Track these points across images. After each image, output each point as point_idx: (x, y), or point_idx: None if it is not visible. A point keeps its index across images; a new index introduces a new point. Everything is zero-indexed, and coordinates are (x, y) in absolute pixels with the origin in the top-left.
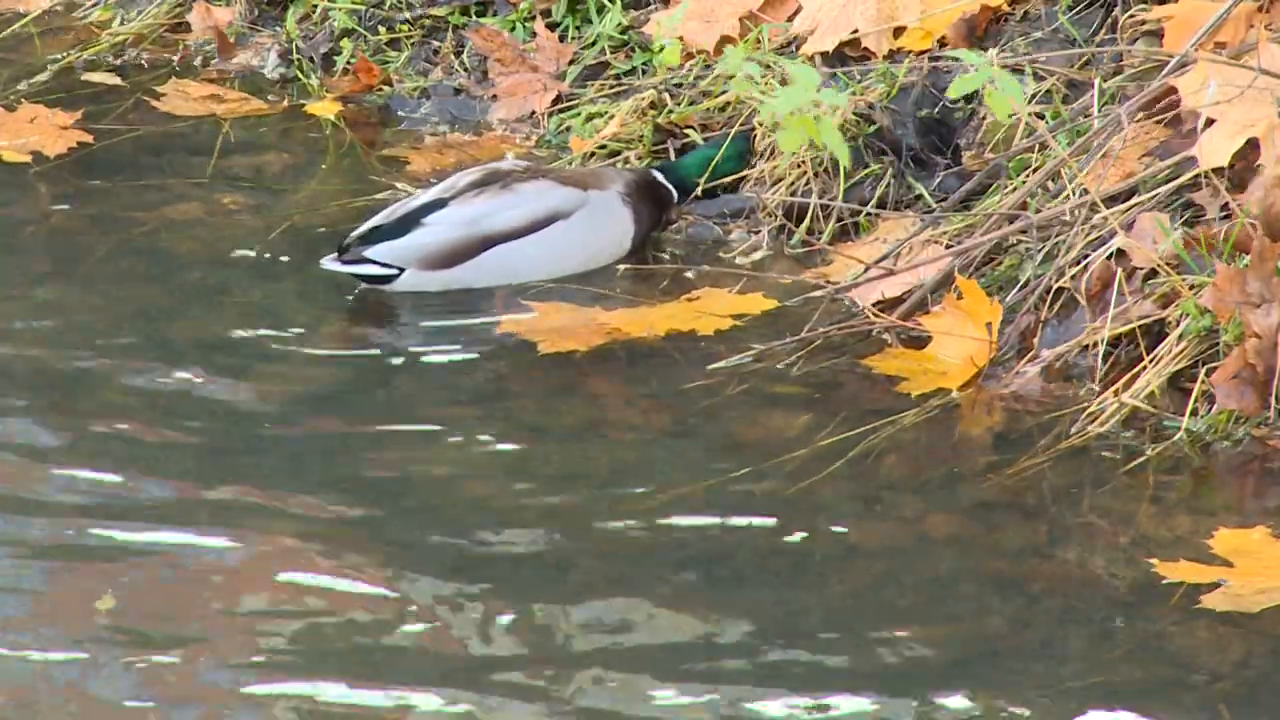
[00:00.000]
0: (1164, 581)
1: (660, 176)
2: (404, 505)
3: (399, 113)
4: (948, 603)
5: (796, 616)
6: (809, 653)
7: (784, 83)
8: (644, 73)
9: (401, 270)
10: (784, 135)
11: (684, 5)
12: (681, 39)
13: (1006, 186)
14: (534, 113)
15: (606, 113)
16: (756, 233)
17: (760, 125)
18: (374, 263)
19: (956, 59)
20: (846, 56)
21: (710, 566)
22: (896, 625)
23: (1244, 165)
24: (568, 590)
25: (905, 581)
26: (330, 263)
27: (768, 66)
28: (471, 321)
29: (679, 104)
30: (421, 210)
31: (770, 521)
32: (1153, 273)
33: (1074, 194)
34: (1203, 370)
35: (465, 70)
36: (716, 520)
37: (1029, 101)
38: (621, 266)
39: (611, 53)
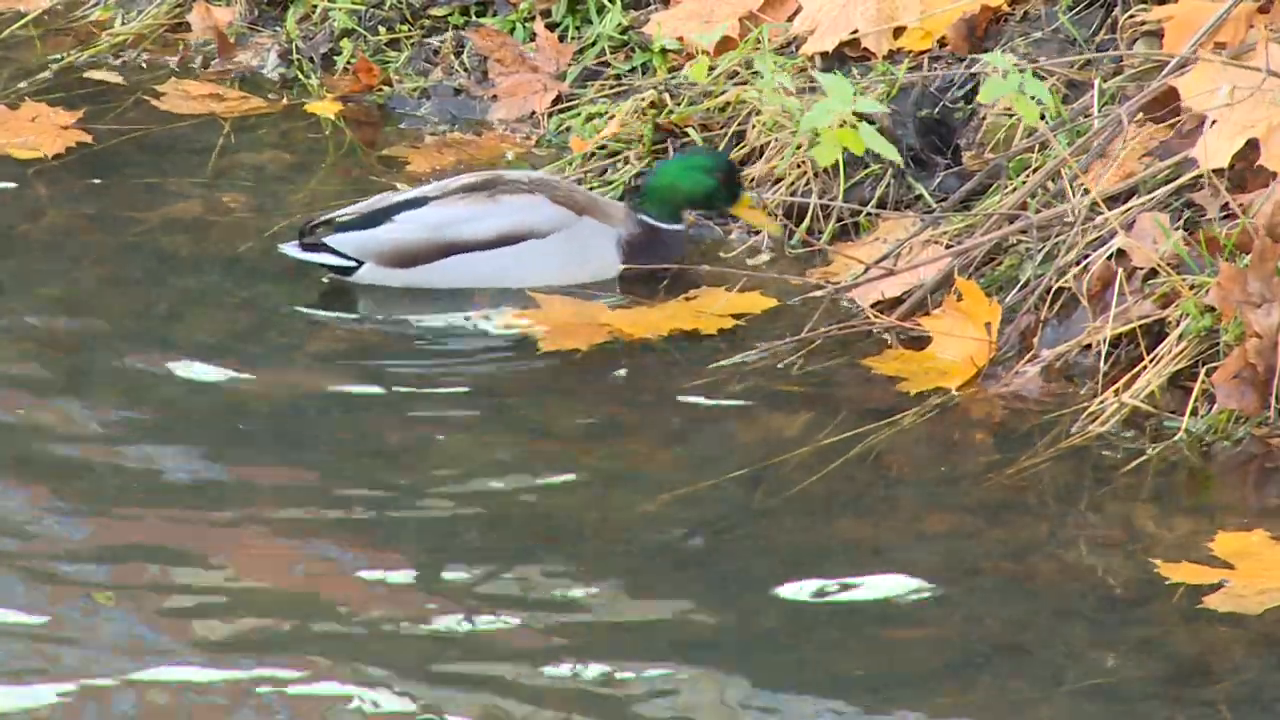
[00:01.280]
0: (1165, 582)
1: (661, 223)
2: (404, 504)
3: (399, 112)
4: (947, 602)
5: (796, 616)
6: (808, 652)
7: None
8: (644, 73)
9: (360, 263)
10: (820, 149)
11: (722, 26)
12: (681, 39)
13: (1006, 186)
14: (534, 113)
15: (606, 113)
16: (757, 233)
17: (758, 125)
18: (333, 252)
19: (960, 59)
20: (846, 56)
21: (710, 566)
22: (896, 625)
23: (1244, 165)
24: (567, 590)
25: (905, 581)
26: (290, 249)
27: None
28: (473, 320)
29: (679, 104)
30: (398, 206)
31: (770, 521)
32: (1153, 273)
33: (1074, 194)
34: (1203, 370)
35: (465, 70)
36: (716, 520)
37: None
38: (622, 266)
39: (611, 53)
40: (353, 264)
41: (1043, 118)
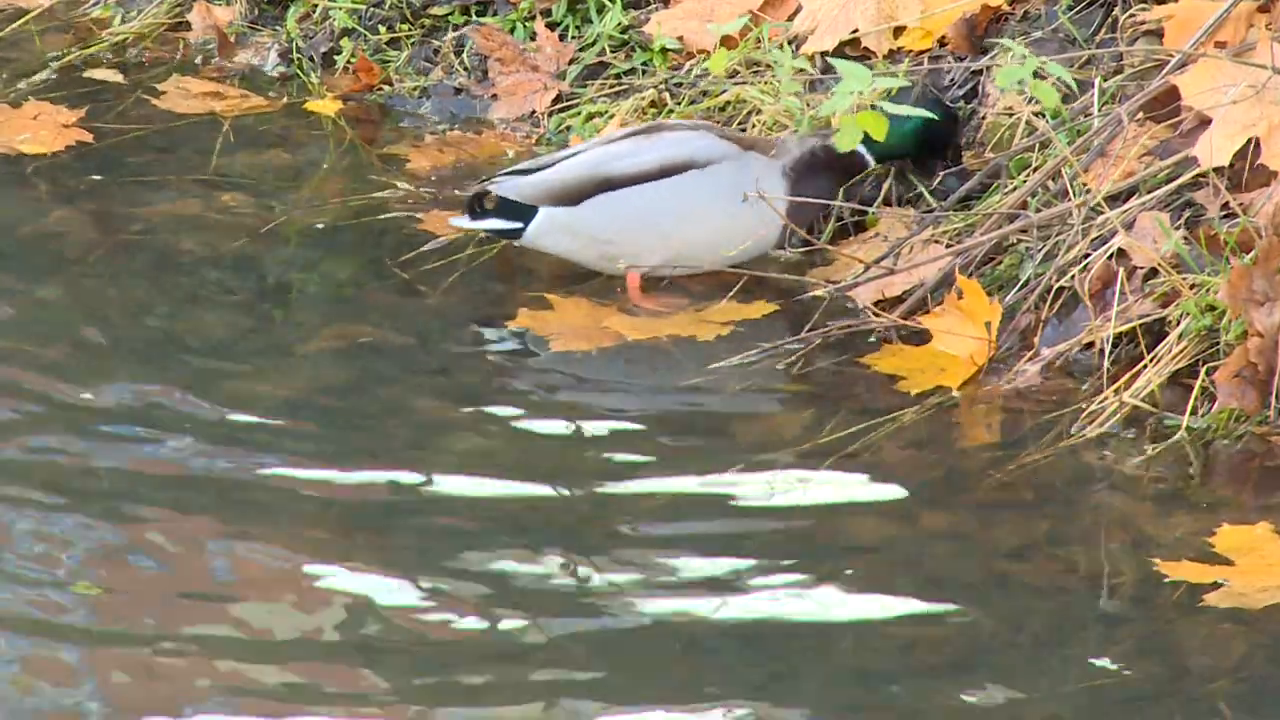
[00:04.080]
0: (1165, 580)
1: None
2: (404, 503)
3: (399, 111)
4: (946, 601)
5: (795, 615)
6: (807, 652)
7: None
8: (644, 73)
9: (525, 225)
10: (841, 135)
11: (741, 19)
12: (681, 39)
13: (1007, 186)
14: (534, 112)
15: (607, 112)
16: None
17: (758, 125)
18: (499, 215)
19: (960, 58)
20: (846, 56)
21: (709, 565)
22: (894, 624)
23: (1244, 164)
24: (567, 590)
25: (904, 580)
26: (461, 221)
27: (768, 66)
28: (473, 320)
29: (679, 104)
30: (563, 158)
31: (769, 520)
32: (1153, 272)
33: (1075, 193)
34: (1203, 369)
35: (465, 70)
36: (716, 519)
37: (1028, 102)
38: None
39: (611, 52)
40: (518, 225)
41: (1042, 116)
